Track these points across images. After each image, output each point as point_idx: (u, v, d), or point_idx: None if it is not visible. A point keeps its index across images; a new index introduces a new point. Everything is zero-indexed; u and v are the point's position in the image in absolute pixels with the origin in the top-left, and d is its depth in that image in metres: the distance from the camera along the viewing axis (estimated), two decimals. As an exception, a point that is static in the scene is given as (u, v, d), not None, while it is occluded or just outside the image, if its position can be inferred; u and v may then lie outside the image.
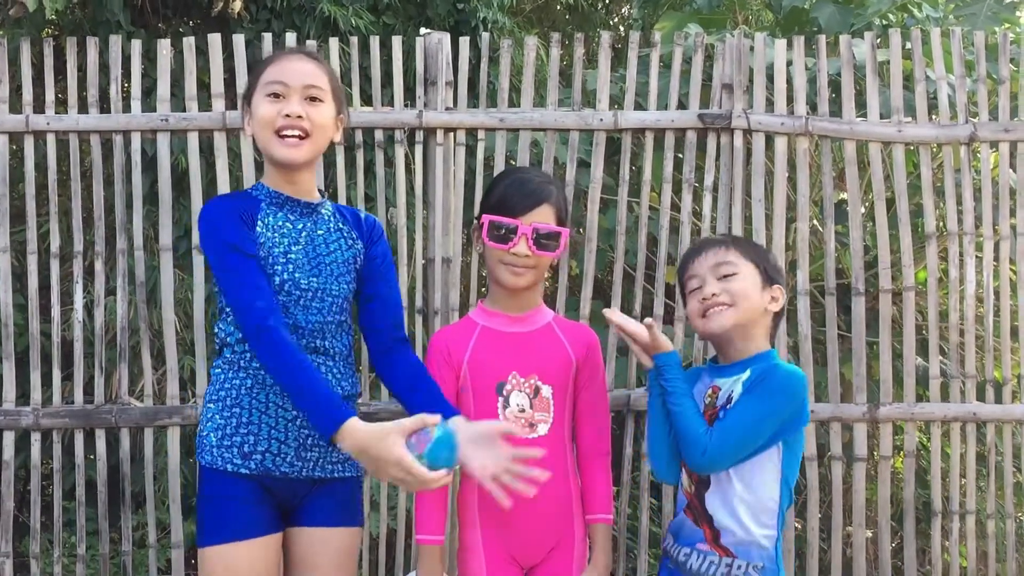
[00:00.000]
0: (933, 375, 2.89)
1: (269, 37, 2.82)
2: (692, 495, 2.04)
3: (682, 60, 2.88)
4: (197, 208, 2.77)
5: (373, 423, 1.82)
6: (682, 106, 2.89)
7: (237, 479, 1.97)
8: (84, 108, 2.79)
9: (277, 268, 2.01)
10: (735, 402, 1.99)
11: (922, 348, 3.11)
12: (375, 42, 2.86)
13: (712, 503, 2.00)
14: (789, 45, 2.88)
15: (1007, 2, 3.48)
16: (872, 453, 3.19)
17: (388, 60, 2.88)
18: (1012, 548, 2.93)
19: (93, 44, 2.80)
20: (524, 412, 2.07)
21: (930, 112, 2.93)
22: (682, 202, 2.87)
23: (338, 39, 2.90)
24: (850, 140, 2.88)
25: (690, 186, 2.86)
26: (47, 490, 3.13)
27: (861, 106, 2.99)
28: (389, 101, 2.88)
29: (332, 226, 2.11)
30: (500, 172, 2.47)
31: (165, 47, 2.80)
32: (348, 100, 2.92)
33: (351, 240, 2.12)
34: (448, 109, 2.82)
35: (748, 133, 2.85)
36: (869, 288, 3.11)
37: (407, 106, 2.86)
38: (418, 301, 2.87)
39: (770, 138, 2.87)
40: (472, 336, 2.11)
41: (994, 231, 2.90)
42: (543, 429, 2.08)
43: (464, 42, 2.85)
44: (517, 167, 2.76)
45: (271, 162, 2.04)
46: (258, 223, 2.01)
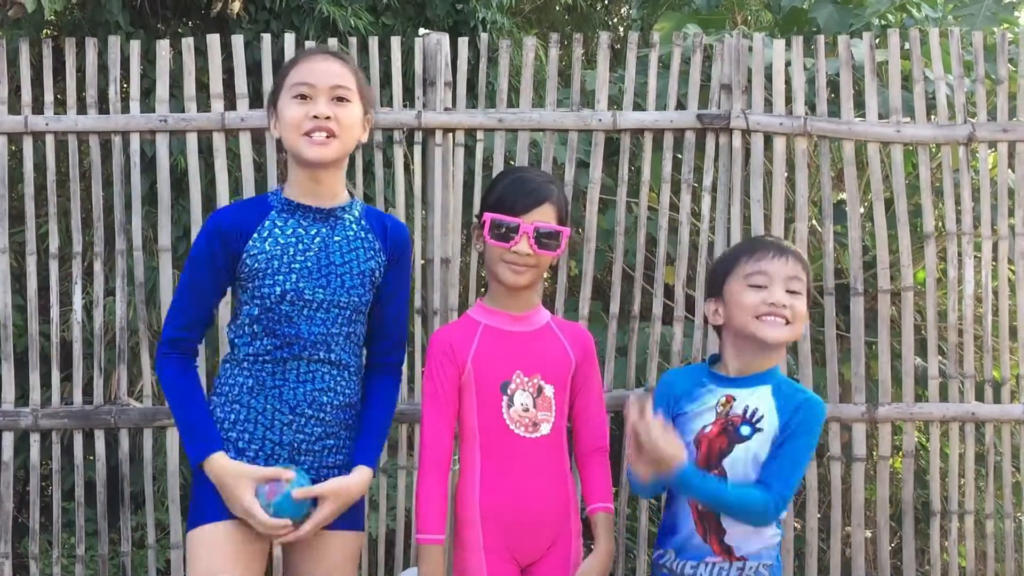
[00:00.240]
0: (932, 375, 2.90)
1: (268, 38, 2.82)
2: (706, 511, 1.99)
3: (681, 60, 2.88)
4: (196, 209, 2.78)
5: (238, 463, 1.97)
6: (681, 106, 2.90)
7: None
8: (83, 109, 2.79)
9: (278, 278, 2.01)
10: (785, 443, 1.96)
11: (921, 348, 3.11)
12: (374, 43, 2.86)
13: (730, 519, 1.98)
14: (788, 45, 2.89)
15: (1006, 2, 3.49)
16: (871, 453, 3.19)
17: (387, 61, 2.88)
18: (1011, 548, 2.93)
19: (92, 45, 2.80)
20: (528, 411, 2.07)
21: (929, 112, 2.93)
22: (681, 202, 2.87)
23: (337, 39, 2.90)
24: (849, 140, 2.88)
25: (689, 186, 2.86)
26: (46, 491, 3.13)
27: (860, 106, 3.00)
28: (388, 102, 2.88)
29: (352, 234, 2.09)
30: (500, 172, 2.48)
31: (164, 48, 2.80)
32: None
33: (372, 251, 2.10)
34: (447, 109, 2.82)
35: (747, 133, 2.85)
36: (868, 288, 3.11)
37: (406, 107, 2.86)
38: (417, 301, 2.87)
39: (769, 138, 2.87)
40: (475, 335, 2.11)
41: (993, 231, 2.90)
42: (546, 429, 2.08)
43: (463, 42, 2.85)
44: (517, 167, 2.76)
45: (299, 162, 2.03)
46: (256, 234, 2.01)
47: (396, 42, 2.86)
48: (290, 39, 2.82)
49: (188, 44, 2.80)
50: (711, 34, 3.48)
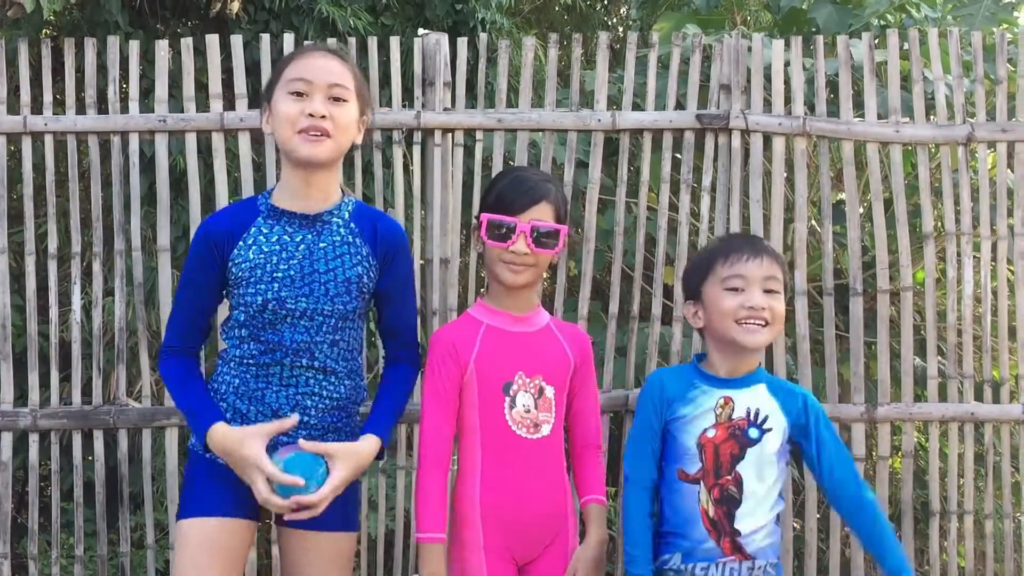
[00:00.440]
0: (931, 375, 2.90)
1: (267, 38, 2.82)
2: (721, 517, 1.98)
3: (680, 60, 2.88)
4: (195, 209, 2.78)
5: (241, 427, 1.97)
6: (680, 106, 2.90)
7: (216, 464, 2.01)
8: (82, 109, 2.79)
9: (260, 287, 1.99)
10: (828, 443, 2.05)
11: (920, 348, 3.11)
12: (373, 43, 2.86)
13: (743, 519, 1.98)
14: (787, 45, 2.89)
15: (1004, 2, 3.49)
16: (870, 453, 3.19)
17: (386, 61, 2.88)
18: (1010, 548, 2.93)
19: (91, 45, 2.79)
20: (529, 412, 2.07)
21: (928, 112, 2.94)
22: (680, 202, 2.87)
23: (336, 40, 2.90)
24: (848, 140, 2.88)
25: (688, 186, 2.86)
26: (45, 491, 3.13)
27: (859, 106, 3.00)
28: (387, 102, 2.88)
29: (339, 239, 2.04)
30: (499, 172, 2.47)
31: (163, 48, 2.80)
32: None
33: (359, 257, 2.05)
34: (446, 110, 2.82)
35: (746, 133, 2.85)
36: (867, 288, 3.11)
37: (405, 107, 2.86)
38: (416, 301, 2.87)
39: (768, 138, 2.87)
40: (478, 335, 2.10)
41: (992, 231, 2.90)
42: (546, 430, 2.08)
43: (462, 43, 2.85)
44: (516, 167, 2.76)
45: (291, 160, 2.00)
46: (242, 241, 2.00)
47: (395, 42, 2.86)
48: (289, 39, 2.82)
49: (187, 44, 2.80)
50: (710, 34, 3.48)
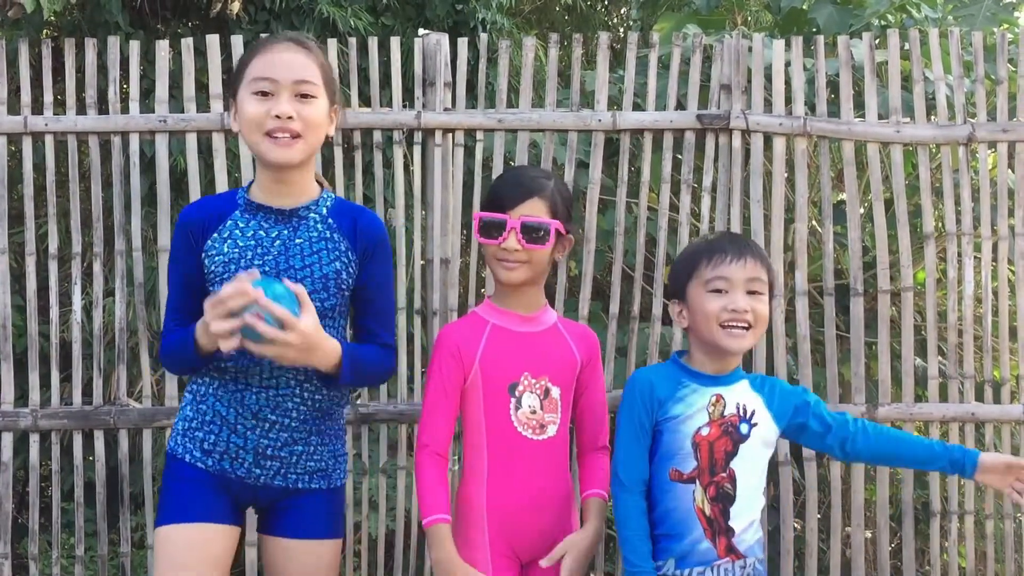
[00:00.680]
0: (932, 375, 2.89)
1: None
2: (717, 515, 1.97)
3: (680, 61, 2.88)
4: (196, 209, 2.77)
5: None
6: (680, 107, 2.90)
7: (195, 469, 1.96)
8: (82, 109, 2.79)
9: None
10: (819, 409, 2.09)
11: (921, 348, 3.11)
12: (374, 43, 2.86)
13: (736, 517, 1.97)
14: (787, 46, 2.89)
15: (1005, 2, 3.49)
16: (871, 453, 3.19)
17: (387, 61, 2.88)
18: (1011, 549, 2.93)
19: (91, 45, 2.80)
20: (535, 413, 2.06)
21: (928, 112, 2.93)
22: (680, 203, 2.87)
23: (337, 40, 2.90)
24: (848, 140, 2.88)
25: (688, 187, 2.86)
26: (46, 491, 3.13)
27: (859, 106, 3.00)
28: (387, 102, 2.88)
29: (316, 235, 1.97)
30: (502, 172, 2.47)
31: (163, 48, 2.80)
32: (347, 99, 2.93)
33: (337, 252, 1.98)
34: (446, 110, 2.82)
35: (746, 134, 2.85)
36: (868, 288, 3.11)
37: (405, 107, 2.86)
38: (416, 302, 2.87)
39: (768, 138, 2.87)
40: (483, 334, 2.09)
41: (992, 231, 2.90)
42: (552, 430, 2.07)
43: (462, 43, 2.85)
44: (518, 166, 2.76)
45: (264, 164, 1.95)
46: (217, 234, 1.95)
47: (396, 42, 2.86)
48: (290, 39, 2.82)
49: (187, 44, 2.80)
50: (711, 34, 3.48)
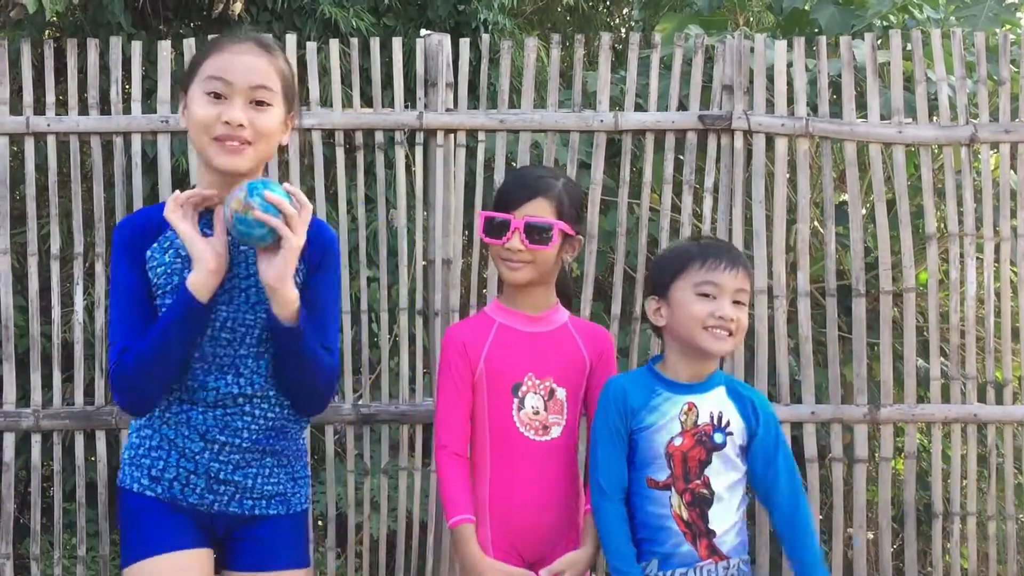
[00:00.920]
0: (934, 376, 2.89)
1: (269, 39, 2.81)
2: (695, 518, 1.97)
3: (682, 61, 2.88)
4: (197, 209, 2.77)
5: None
6: (682, 107, 2.90)
7: (146, 498, 1.83)
8: (85, 110, 2.79)
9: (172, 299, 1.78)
10: (778, 465, 2.01)
11: (923, 349, 3.10)
12: (375, 44, 2.86)
13: (716, 519, 1.97)
14: (789, 46, 2.89)
15: (1007, 3, 3.48)
16: (873, 454, 3.19)
17: (389, 62, 2.88)
18: (1013, 550, 2.92)
19: (94, 46, 2.80)
20: (538, 415, 2.06)
21: (931, 113, 2.93)
22: (682, 204, 2.87)
23: (339, 41, 2.90)
24: (851, 141, 2.88)
25: (690, 187, 2.86)
26: (47, 492, 3.13)
27: (862, 107, 2.99)
28: (390, 103, 2.88)
29: None
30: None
31: (166, 49, 2.80)
32: (349, 100, 2.93)
33: None
34: (448, 110, 2.82)
35: (748, 134, 2.85)
36: (870, 289, 3.11)
37: (407, 107, 2.86)
38: (418, 302, 2.87)
39: (771, 139, 2.87)
40: (489, 333, 2.08)
41: (995, 232, 2.90)
42: (556, 432, 2.06)
43: (464, 43, 2.85)
44: (529, 165, 2.75)
45: (210, 168, 1.80)
46: (157, 244, 1.81)
47: (398, 43, 2.85)
48: (291, 40, 2.82)
49: (190, 45, 2.80)
50: (713, 35, 3.48)
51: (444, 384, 2.07)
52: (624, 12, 5.59)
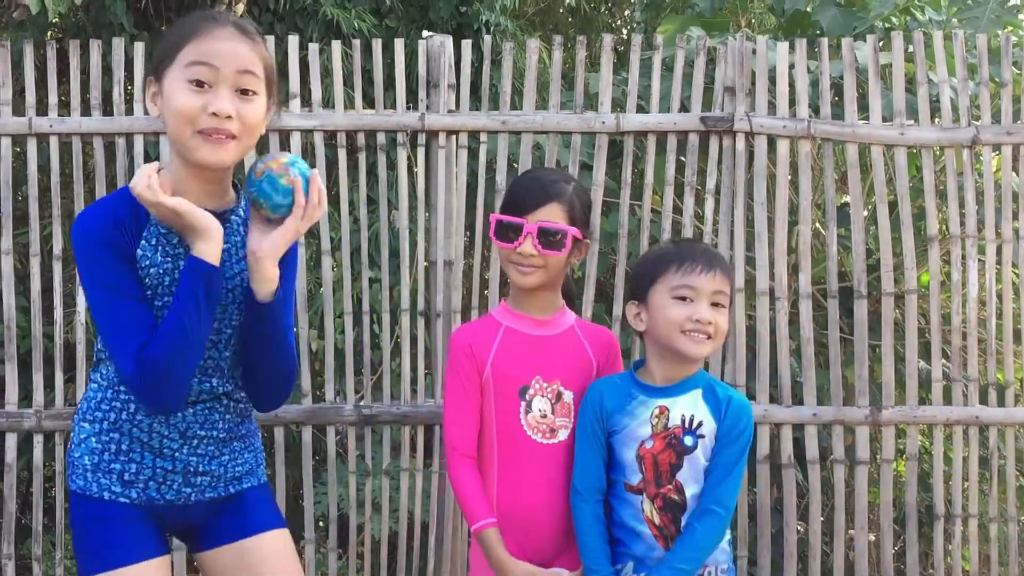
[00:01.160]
0: (935, 378, 2.89)
1: (272, 40, 2.82)
2: (666, 523, 1.96)
3: (684, 63, 2.88)
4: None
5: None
6: (684, 109, 2.90)
7: (117, 505, 1.74)
8: (87, 111, 2.80)
9: (167, 300, 1.69)
10: (721, 456, 1.95)
11: (924, 351, 3.10)
12: (378, 45, 2.86)
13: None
14: (791, 48, 2.89)
15: (1009, 5, 3.48)
16: (874, 456, 3.19)
17: (390, 63, 2.89)
18: (1015, 552, 2.92)
19: (96, 47, 2.80)
20: (545, 418, 2.05)
21: (932, 115, 2.93)
22: (684, 205, 2.87)
23: (341, 42, 2.91)
24: (852, 143, 2.88)
25: (692, 189, 2.86)
26: (49, 492, 3.13)
27: (863, 109, 2.99)
28: (391, 104, 2.89)
29: (240, 239, 1.77)
30: (522, 172, 2.44)
31: (168, 50, 2.80)
32: (351, 101, 2.93)
33: None
34: (450, 112, 2.82)
35: (750, 136, 2.85)
36: (871, 291, 3.11)
37: (409, 109, 2.86)
38: (420, 304, 2.87)
39: (772, 141, 2.87)
40: (496, 336, 2.08)
41: (996, 234, 2.90)
42: (563, 435, 2.06)
43: (466, 45, 2.85)
44: (536, 167, 2.75)
45: (187, 160, 1.68)
46: (145, 241, 1.69)
47: (400, 44, 2.86)
48: (294, 41, 2.83)
49: (192, 46, 2.80)
50: (714, 37, 3.48)
51: (452, 387, 2.07)
52: (626, 14, 5.59)
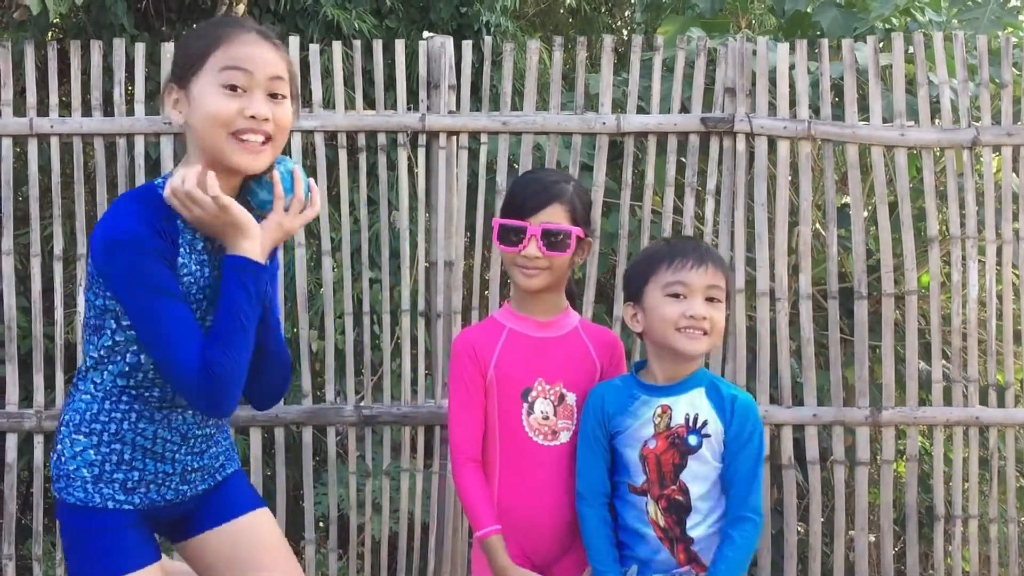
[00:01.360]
0: (936, 379, 2.89)
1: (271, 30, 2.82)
2: (671, 524, 1.95)
3: (685, 64, 2.88)
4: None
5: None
6: (685, 110, 2.90)
7: (121, 512, 1.74)
8: (88, 111, 2.80)
9: (205, 306, 1.71)
10: (739, 463, 1.93)
11: (924, 352, 3.10)
12: (378, 46, 2.86)
13: (695, 527, 1.95)
14: (792, 49, 2.89)
15: (1010, 6, 3.48)
16: (874, 457, 3.19)
17: (391, 64, 2.89)
18: (1015, 553, 2.92)
19: (97, 47, 2.80)
20: (548, 420, 2.05)
21: (933, 116, 2.93)
22: (684, 206, 2.88)
23: (341, 42, 2.91)
24: (852, 144, 2.88)
25: (692, 190, 2.86)
26: (49, 492, 3.13)
27: (864, 110, 3.00)
28: (392, 104, 2.89)
29: None
30: (522, 174, 2.45)
31: (169, 50, 2.80)
32: (351, 102, 2.93)
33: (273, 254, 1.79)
34: (451, 112, 2.83)
35: (751, 137, 2.85)
36: (872, 292, 3.11)
37: (410, 109, 2.86)
38: (420, 304, 2.87)
39: (773, 142, 2.87)
40: (499, 339, 2.07)
41: (996, 235, 2.90)
42: (565, 437, 2.06)
43: (467, 46, 2.85)
44: (535, 169, 2.75)
45: (221, 165, 1.67)
46: (182, 248, 1.68)
47: (400, 45, 2.86)
48: (294, 42, 2.83)
49: (193, 47, 2.80)
50: (715, 38, 3.48)
51: (456, 390, 2.07)
52: (626, 14, 5.59)
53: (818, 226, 3.32)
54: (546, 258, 2.00)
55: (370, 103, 2.94)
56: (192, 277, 1.69)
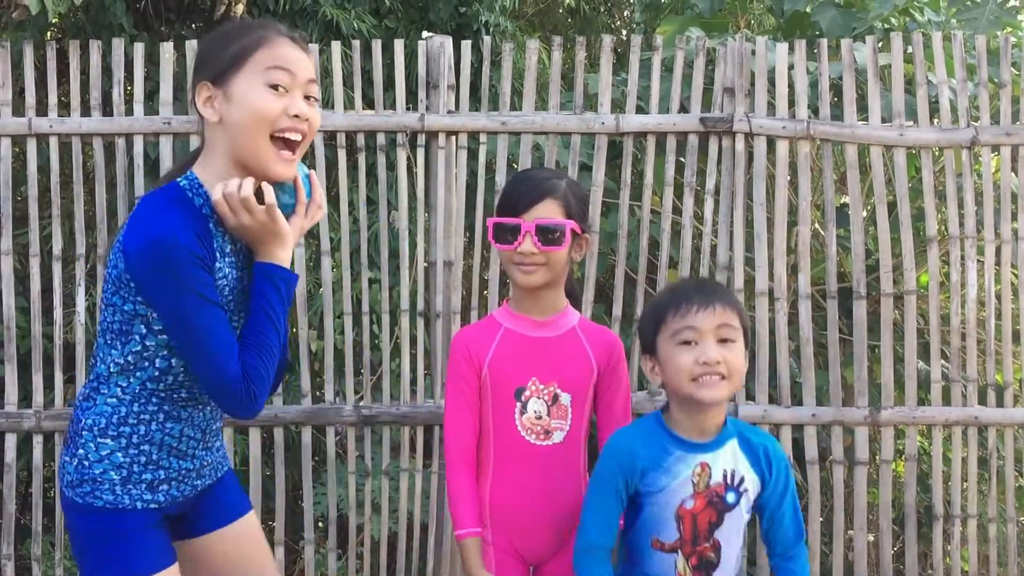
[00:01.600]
0: (934, 379, 2.89)
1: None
2: (700, 568, 1.90)
3: (684, 64, 2.88)
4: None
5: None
6: (684, 110, 2.90)
7: (148, 512, 1.75)
8: (87, 111, 2.80)
9: (239, 314, 1.74)
10: (782, 511, 1.92)
11: (923, 352, 3.11)
12: (377, 45, 2.86)
13: (726, 569, 1.91)
14: (791, 49, 2.89)
15: (1008, 6, 3.48)
16: (873, 457, 3.19)
17: (390, 63, 2.89)
18: (1014, 552, 2.92)
19: (96, 47, 2.80)
20: (540, 419, 2.05)
21: (932, 116, 2.94)
22: (684, 206, 2.88)
23: (340, 42, 2.91)
24: (852, 144, 2.88)
25: (692, 190, 2.86)
26: (49, 492, 3.13)
27: (863, 110, 3.00)
28: (391, 104, 2.89)
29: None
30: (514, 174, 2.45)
31: (168, 50, 2.81)
32: (351, 102, 2.93)
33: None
34: (450, 112, 2.83)
35: (750, 136, 2.85)
36: (871, 292, 3.11)
37: (409, 109, 2.86)
38: (419, 304, 2.87)
39: (772, 141, 2.87)
40: (495, 338, 2.08)
41: (995, 235, 2.90)
42: (558, 437, 2.06)
43: (466, 45, 2.85)
44: (527, 168, 2.75)
45: (244, 166, 1.69)
46: (218, 252, 1.70)
47: (399, 45, 2.86)
48: (293, 42, 2.82)
49: (191, 46, 2.81)
50: (714, 38, 3.48)
51: (450, 390, 2.08)
52: (625, 14, 5.59)
53: (817, 226, 3.32)
54: (542, 253, 2.01)
55: (369, 103, 2.94)
56: (225, 280, 1.71)
